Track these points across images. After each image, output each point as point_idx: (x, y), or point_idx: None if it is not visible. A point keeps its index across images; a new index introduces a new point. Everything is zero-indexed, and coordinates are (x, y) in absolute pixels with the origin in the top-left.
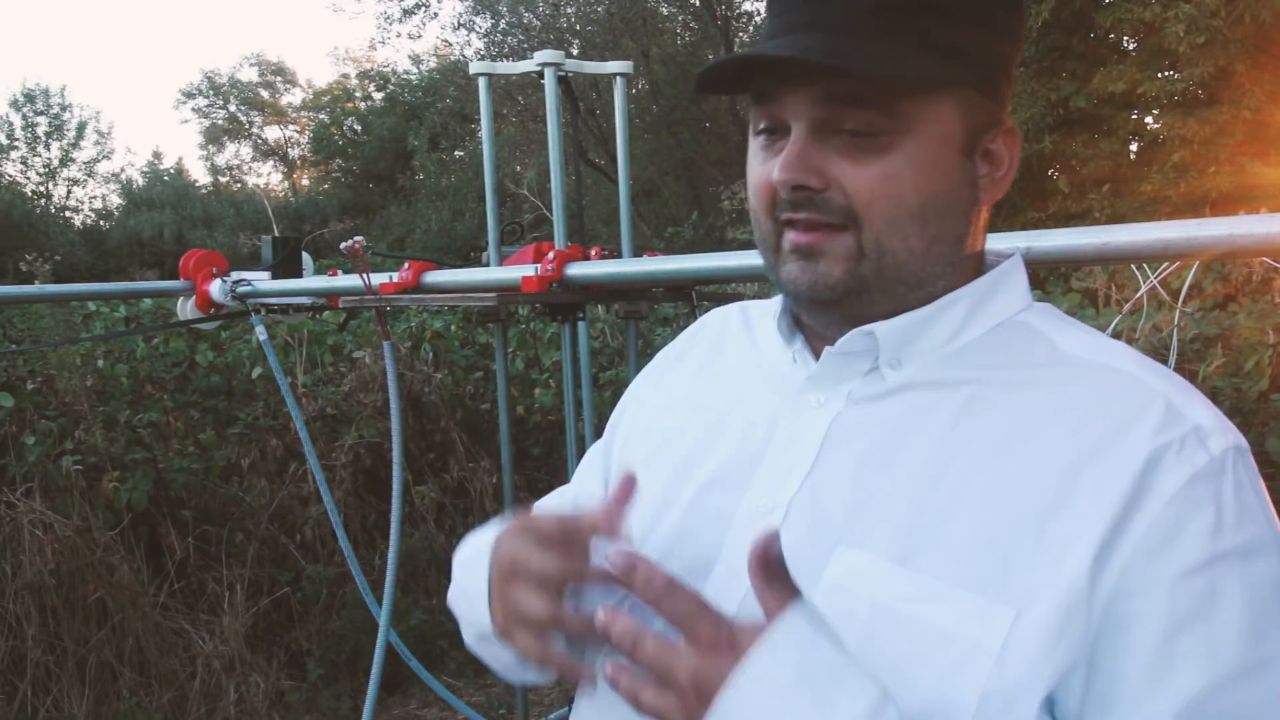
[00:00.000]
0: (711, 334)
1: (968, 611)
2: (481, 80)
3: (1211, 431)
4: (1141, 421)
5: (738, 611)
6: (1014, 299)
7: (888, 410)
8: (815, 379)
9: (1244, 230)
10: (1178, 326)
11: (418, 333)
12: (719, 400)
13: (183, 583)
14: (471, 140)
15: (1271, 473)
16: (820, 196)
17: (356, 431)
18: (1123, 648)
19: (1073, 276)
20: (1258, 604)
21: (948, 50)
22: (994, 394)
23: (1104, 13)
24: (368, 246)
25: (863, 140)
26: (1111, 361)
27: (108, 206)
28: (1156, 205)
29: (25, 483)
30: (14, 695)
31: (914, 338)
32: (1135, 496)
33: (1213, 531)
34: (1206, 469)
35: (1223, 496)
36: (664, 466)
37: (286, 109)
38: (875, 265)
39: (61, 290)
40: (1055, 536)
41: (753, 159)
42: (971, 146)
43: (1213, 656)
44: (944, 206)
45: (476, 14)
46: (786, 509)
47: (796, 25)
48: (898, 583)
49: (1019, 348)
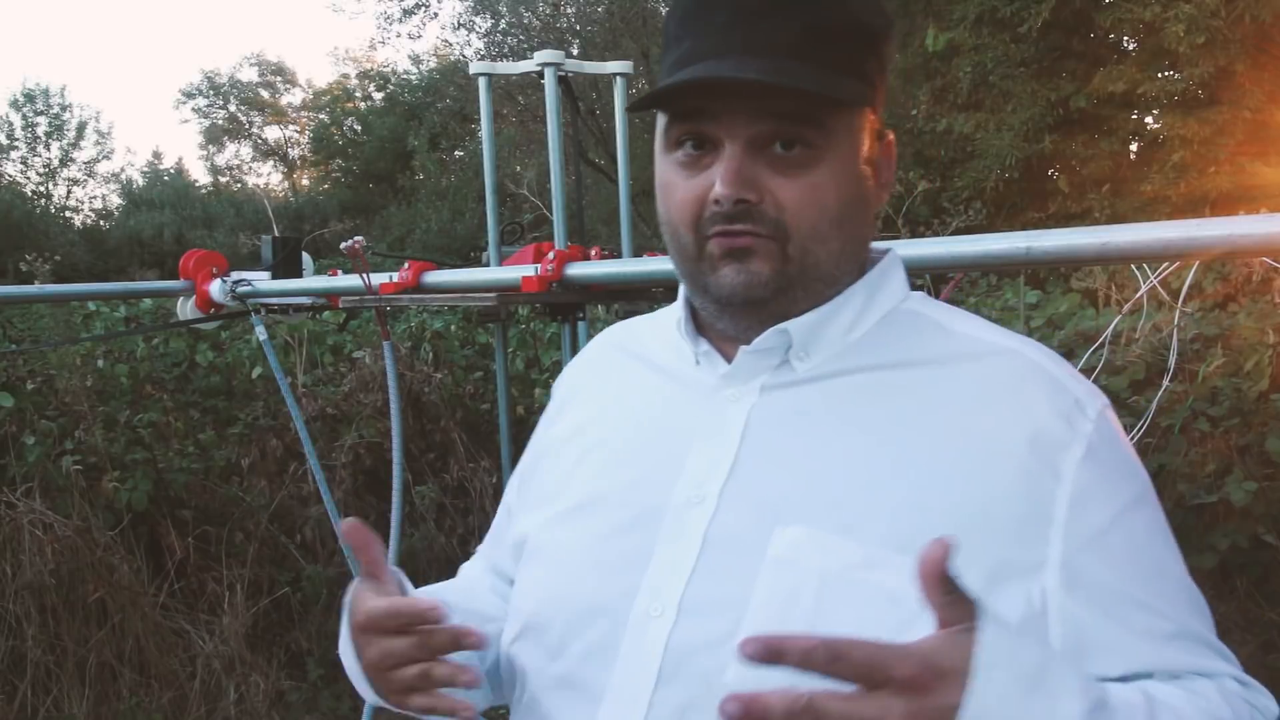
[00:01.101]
0: (606, 352)
1: (910, 573)
2: (481, 80)
3: (1086, 400)
4: (1033, 394)
5: (684, 595)
6: (897, 289)
7: (802, 397)
8: (729, 376)
9: (1244, 230)
10: (1178, 326)
11: (418, 333)
12: (631, 410)
13: (183, 583)
14: (471, 140)
15: (1271, 473)
16: (756, 209)
17: (356, 431)
18: (1074, 605)
19: (1073, 276)
20: (1155, 542)
21: (860, 73)
22: (900, 377)
23: (1104, 13)
24: (368, 246)
25: (792, 155)
26: (996, 339)
27: (108, 206)
28: (1156, 205)
29: (25, 483)
30: (14, 695)
31: (820, 330)
32: (1043, 468)
33: (1111, 494)
34: (1093, 436)
35: (1111, 459)
36: (581, 480)
37: (286, 109)
38: (799, 267)
39: (61, 290)
40: (971, 504)
41: (673, 174)
42: (871, 157)
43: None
44: (856, 212)
45: (476, 14)
46: (718, 497)
47: (724, 49)
48: (843, 551)
49: (912, 332)
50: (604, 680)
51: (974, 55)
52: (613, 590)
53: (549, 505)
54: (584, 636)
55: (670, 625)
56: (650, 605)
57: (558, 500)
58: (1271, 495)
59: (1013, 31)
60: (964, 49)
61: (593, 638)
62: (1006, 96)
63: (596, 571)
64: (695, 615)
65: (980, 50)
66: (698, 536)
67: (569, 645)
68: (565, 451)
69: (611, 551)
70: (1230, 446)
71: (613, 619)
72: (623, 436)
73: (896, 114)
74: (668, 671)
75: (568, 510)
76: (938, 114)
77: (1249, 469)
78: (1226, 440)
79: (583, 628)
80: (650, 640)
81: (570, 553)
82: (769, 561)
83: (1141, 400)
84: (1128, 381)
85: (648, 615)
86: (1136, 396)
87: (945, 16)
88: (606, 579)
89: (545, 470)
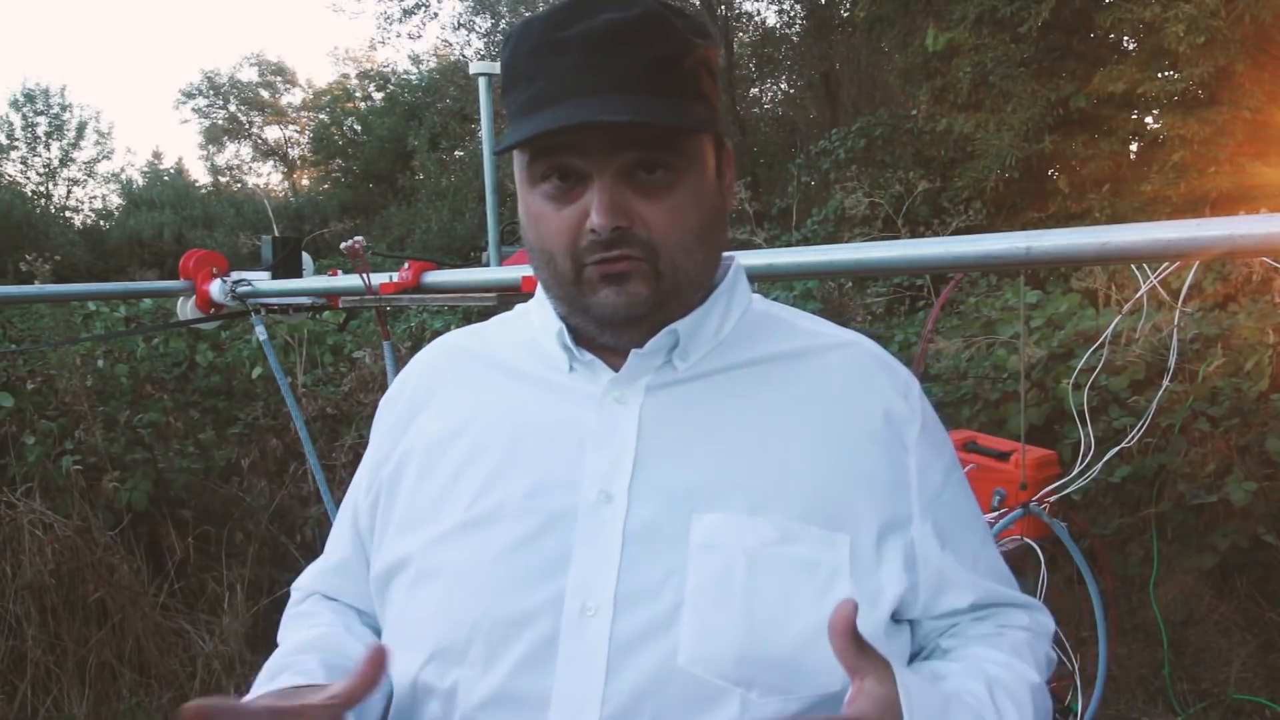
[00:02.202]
0: (453, 363)
1: (819, 542)
2: (481, 80)
3: (911, 381)
4: (878, 378)
5: (617, 589)
6: (745, 293)
7: (688, 393)
8: (617, 380)
9: (1244, 230)
10: (1178, 326)
11: (418, 333)
12: (503, 420)
13: (183, 583)
14: (471, 140)
15: (1271, 472)
16: (629, 234)
17: (356, 431)
18: (934, 552)
19: (1073, 276)
20: (969, 495)
21: (700, 95)
22: (768, 370)
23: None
24: (368, 246)
25: (655, 179)
26: (835, 333)
27: (108, 206)
28: (1156, 205)
29: (25, 483)
30: (14, 695)
31: (696, 331)
32: (896, 441)
33: (939, 459)
34: (924, 411)
35: (935, 430)
36: (466, 494)
37: (286, 109)
38: (672, 281)
39: (61, 290)
40: (855, 476)
41: (542, 205)
42: (718, 170)
43: (969, 536)
44: (713, 223)
45: (476, 14)
46: (628, 495)
47: (585, 87)
48: (760, 530)
49: (769, 330)
50: (546, 686)
51: (974, 55)
52: (537, 598)
53: (429, 525)
54: (513, 649)
55: (609, 620)
56: (582, 604)
57: (440, 519)
58: (1271, 495)
59: (1013, 31)
60: (964, 49)
61: (523, 648)
62: (1006, 96)
63: (513, 582)
64: (633, 606)
65: (980, 50)
66: (616, 533)
67: (497, 660)
68: (434, 467)
69: (524, 561)
70: (1230, 446)
71: (541, 626)
72: (501, 445)
73: (896, 114)
74: (615, 664)
75: (459, 526)
76: (938, 114)
77: (1249, 469)
78: (1226, 440)
79: (510, 640)
80: (591, 638)
81: (475, 569)
82: (694, 548)
83: (1141, 400)
84: (1128, 381)
85: (582, 614)
86: (1136, 396)
87: (945, 16)
88: (527, 588)
89: (410, 490)
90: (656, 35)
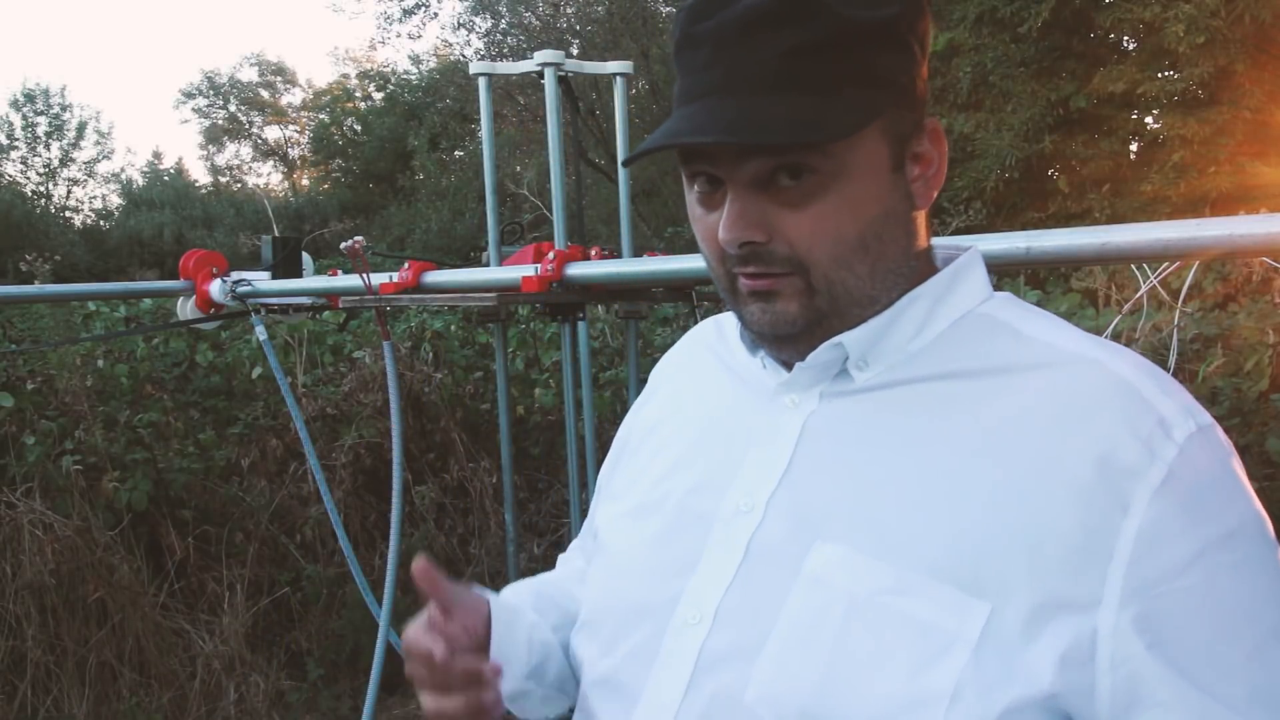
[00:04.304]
0: (696, 348)
1: (945, 604)
2: (481, 80)
3: (1175, 420)
4: (1108, 411)
5: (721, 603)
6: (974, 292)
7: (859, 408)
8: (788, 384)
9: (1244, 230)
10: (1178, 326)
11: (418, 333)
12: (703, 410)
13: (183, 583)
14: (471, 140)
15: (1271, 473)
16: (765, 249)
17: (356, 431)
18: (1132, 653)
19: (1073, 276)
20: (1246, 587)
21: (864, 80)
22: (963, 388)
23: (1104, 13)
24: (368, 246)
25: (800, 184)
26: (1075, 347)
27: (108, 206)
28: (1156, 205)
29: (25, 483)
30: (14, 695)
31: (878, 341)
32: (1108, 496)
33: (1192, 525)
34: (1175, 462)
35: (1196, 489)
36: (648, 479)
37: (286, 109)
38: (828, 297)
39: (61, 290)
40: (1024, 532)
41: (695, 208)
42: (899, 160)
43: (1222, 649)
44: (882, 228)
45: (476, 14)
46: (765, 507)
47: (710, 88)
48: (876, 575)
49: (983, 340)
50: (642, 682)
51: (974, 55)
52: (661, 594)
53: (620, 500)
54: (630, 637)
55: (705, 633)
56: (690, 612)
57: (627, 496)
58: (1271, 495)
59: (1013, 31)
60: (964, 49)
61: (638, 639)
62: (1006, 96)
63: (649, 575)
64: (728, 625)
65: (980, 50)
66: (741, 546)
67: (617, 644)
68: (642, 447)
69: (661, 556)
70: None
71: (656, 622)
72: (687, 439)
73: None
74: (696, 679)
75: (632, 509)
76: (938, 114)
77: (1249, 469)
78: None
79: (630, 629)
80: (686, 646)
81: (628, 553)
82: (802, 578)
83: None
84: None
85: (686, 622)
86: None
87: (945, 16)
88: (656, 582)
89: (625, 464)
90: (800, 18)
